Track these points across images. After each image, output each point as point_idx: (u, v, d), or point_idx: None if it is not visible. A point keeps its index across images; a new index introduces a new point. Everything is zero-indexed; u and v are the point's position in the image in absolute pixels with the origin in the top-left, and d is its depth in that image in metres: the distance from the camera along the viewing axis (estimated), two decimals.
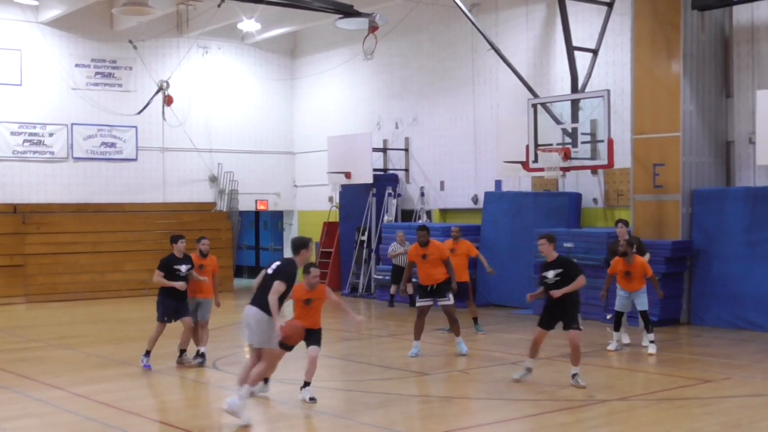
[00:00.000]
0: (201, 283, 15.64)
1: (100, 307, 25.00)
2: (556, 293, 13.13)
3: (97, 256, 27.65)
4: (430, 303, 16.16)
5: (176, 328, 15.58)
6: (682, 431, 10.88)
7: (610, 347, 16.37)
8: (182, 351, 15.51)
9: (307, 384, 12.48)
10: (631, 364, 15.39)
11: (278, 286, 11.24)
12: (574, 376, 13.11)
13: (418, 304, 16.29)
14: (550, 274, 13.26)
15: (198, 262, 15.90)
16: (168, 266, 15.47)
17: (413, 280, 18.43)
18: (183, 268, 15.50)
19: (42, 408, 12.31)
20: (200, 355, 15.52)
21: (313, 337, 12.53)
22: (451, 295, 16.00)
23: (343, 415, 11.97)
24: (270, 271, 11.65)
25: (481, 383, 14.09)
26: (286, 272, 11.45)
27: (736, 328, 18.71)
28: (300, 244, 11.87)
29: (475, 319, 18.95)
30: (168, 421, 11.45)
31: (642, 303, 16.19)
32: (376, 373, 14.69)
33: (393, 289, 23.37)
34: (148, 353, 15.23)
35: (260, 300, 11.39)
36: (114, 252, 27.84)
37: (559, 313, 13.29)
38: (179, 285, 15.29)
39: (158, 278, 15.38)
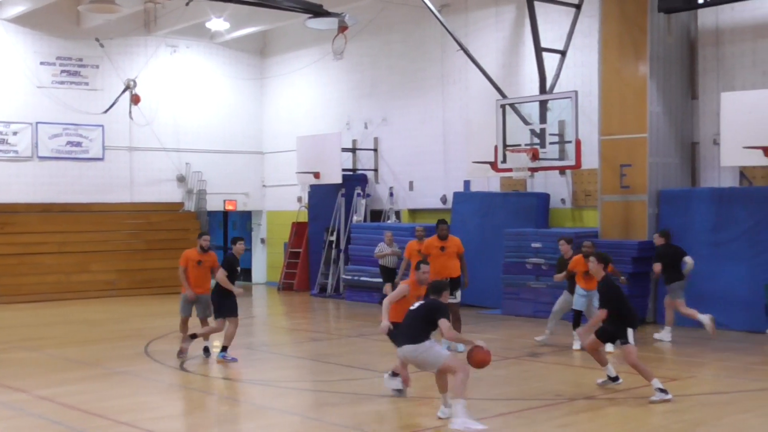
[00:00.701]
0: (202, 278, 16.20)
1: (66, 309, 24.82)
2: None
3: (63, 257, 27.44)
4: None
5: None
6: (647, 429, 10.97)
7: (575, 346, 16.45)
8: (225, 347, 15.79)
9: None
10: (596, 363, 15.45)
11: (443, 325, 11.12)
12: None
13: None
14: None
15: (197, 258, 16.27)
16: (232, 266, 15.85)
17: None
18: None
19: (5, 412, 12.17)
20: (205, 349, 16.11)
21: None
22: (459, 294, 16.44)
23: (312, 415, 11.97)
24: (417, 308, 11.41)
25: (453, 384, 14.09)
26: (444, 310, 11.31)
27: (702, 327, 18.81)
28: (440, 288, 11.63)
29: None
30: (134, 423, 11.39)
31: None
32: (346, 374, 14.69)
33: (386, 288, 22.71)
34: (225, 348, 15.69)
35: (410, 335, 11.17)
36: (80, 252, 27.65)
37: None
38: (237, 291, 15.76)
39: (222, 277, 15.65)
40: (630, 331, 12.69)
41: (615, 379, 13.06)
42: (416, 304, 11.45)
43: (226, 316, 15.71)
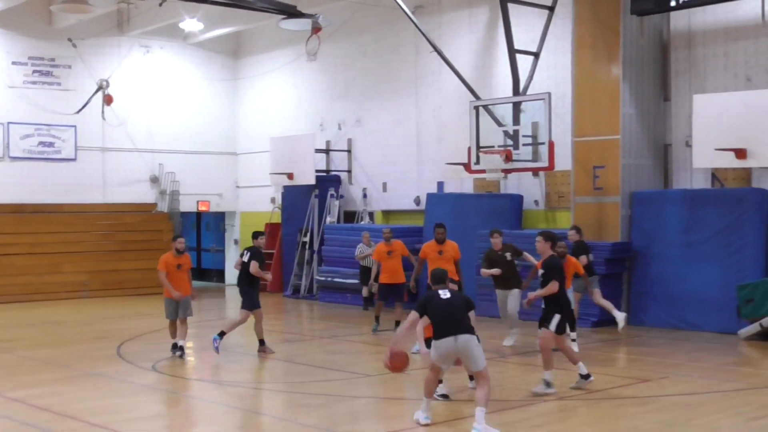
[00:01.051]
0: (182, 280, 16.35)
1: (37, 310, 24.67)
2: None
3: (34, 258, 27.27)
4: None
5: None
6: (620, 430, 11.02)
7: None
8: (262, 341, 16.55)
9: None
10: (570, 363, 15.50)
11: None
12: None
13: None
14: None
15: (175, 262, 16.36)
16: (261, 258, 16.59)
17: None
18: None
19: None
20: (179, 348, 16.21)
21: None
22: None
23: (284, 416, 11.95)
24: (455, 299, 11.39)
25: (422, 383, 14.11)
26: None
27: (674, 328, 18.96)
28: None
29: (398, 322, 18.91)
30: (107, 425, 11.34)
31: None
32: (319, 375, 14.67)
33: (365, 291, 22.70)
34: (262, 341, 16.53)
35: (467, 325, 11.10)
36: (52, 253, 27.49)
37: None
38: (268, 276, 16.93)
39: (256, 268, 16.28)
40: (556, 318, 12.90)
41: (587, 377, 13.07)
42: (448, 294, 11.25)
43: (251, 309, 16.45)
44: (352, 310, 23.42)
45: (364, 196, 27.18)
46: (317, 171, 26.97)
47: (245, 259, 16.56)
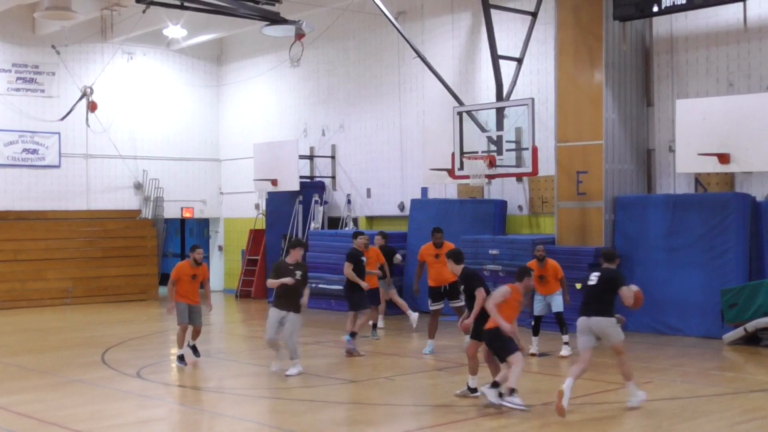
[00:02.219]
0: (194, 290, 16.25)
1: (20, 317, 24.59)
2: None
3: (17, 264, 27.18)
4: (442, 305, 17.31)
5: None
6: None
7: (532, 350, 16.55)
8: (353, 333, 16.87)
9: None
10: (554, 369, 15.56)
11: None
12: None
13: (431, 308, 17.33)
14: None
15: (191, 272, 16.22)
16: (358, 259, 17.25)
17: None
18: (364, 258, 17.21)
19: None
20: (183, 358, 16.17)
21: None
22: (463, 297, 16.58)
23: (269, 422, 11.94)
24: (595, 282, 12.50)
25: (406, 390, 14.15)
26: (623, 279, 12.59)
27: (657, 333, 19.01)
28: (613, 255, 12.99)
29: (374, 325, 19.13)
30: None
31: (557, 305, 16.58)
32: (303, 381, 14.65)
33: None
34: (353, 334, 16.78)
35: (599, 309, 12.31)
36: (36, 260, 27.40)
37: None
38: (364, 285, 17.17)
39: (349, 271, 16.74)
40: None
41: (473, 390, 12.93)
42: (594, 279, 12.52)
43: (356, 310, 16.91)
44: (336, 315, 23.38)
45: (348, 202, 27.19)
46: (301, 177, 26.95)
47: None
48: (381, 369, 15.63)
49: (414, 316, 19.09)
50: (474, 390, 12.92)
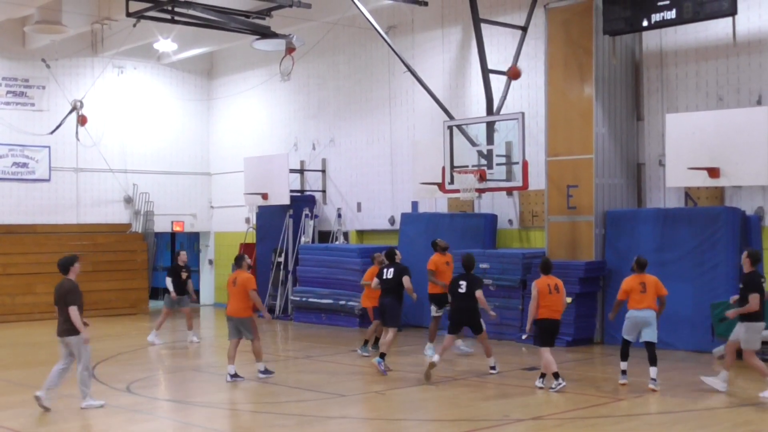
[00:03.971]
0: (233, 297, 16.55)
1: (9, 331, 24.49)
2: None
3: (7, 279, 27.09)
4: (442, 313, 17.76)
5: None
6: None
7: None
8: (382, 354, 16.35)
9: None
10: (546, 383, 15.53)
11: None
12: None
13: (436, 314, 18.03)
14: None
15: (232, 278, 16.60)
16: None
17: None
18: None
19: None
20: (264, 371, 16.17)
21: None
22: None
23: None
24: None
25: (397, 404, 14.12)
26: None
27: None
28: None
29: (366, 342, 18.86)
30: None
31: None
32: (293, 395, 14.63)
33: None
34: (383, 355, 16.25)
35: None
36: (25, 274, 27.32)
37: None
38: (414, 296, 17.11)
39: (409, 284, 16.59)
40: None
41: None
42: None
43: (393, 326, 16.61)
44: (327, 330, 23.37)
45: (339, 215, 27.18)
46: (291, 191, 26.94)
47: (389, 275, 16.77)
48: (372, 383, 15.57)
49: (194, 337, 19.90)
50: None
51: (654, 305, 15.03)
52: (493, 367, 16.08)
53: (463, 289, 15.66)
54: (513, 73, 19.97)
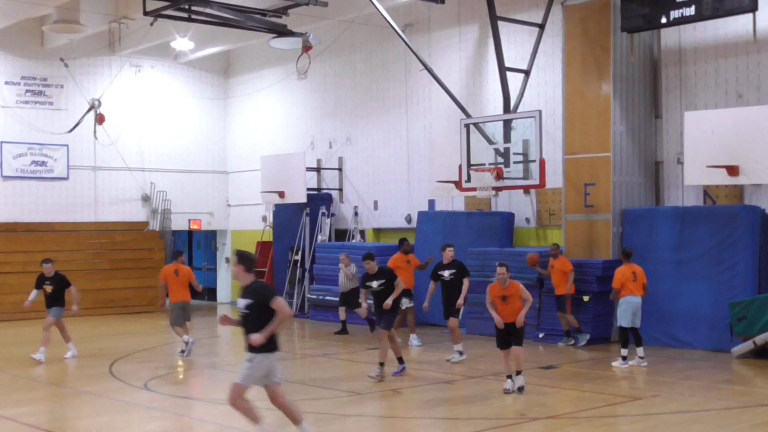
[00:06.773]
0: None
1: (28, 328, 24.53)
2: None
3: (26, 277, 27.00)
4: None
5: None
6: None
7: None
8: (381, 364, 15.78)
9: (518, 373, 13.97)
10: (562, 382, 15.50)
11: None
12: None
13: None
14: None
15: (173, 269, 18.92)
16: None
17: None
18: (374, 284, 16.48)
19: None
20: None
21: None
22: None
23: None
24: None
25: (413, 402, 14.10)
26: None
27: (665, 346, 18.93)
28: None
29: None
30: None
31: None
32: (309, 393, 14.62)
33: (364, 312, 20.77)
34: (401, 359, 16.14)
35: None
36: None
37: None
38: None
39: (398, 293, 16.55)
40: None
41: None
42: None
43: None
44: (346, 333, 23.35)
45: (356, 214, 27.17)
46: (308, 189, 26.97)
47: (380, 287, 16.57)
48: (389, 382, 15.54)
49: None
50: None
51: (642, 292, 16.85)
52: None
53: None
54: (531, 260, 19.68)
